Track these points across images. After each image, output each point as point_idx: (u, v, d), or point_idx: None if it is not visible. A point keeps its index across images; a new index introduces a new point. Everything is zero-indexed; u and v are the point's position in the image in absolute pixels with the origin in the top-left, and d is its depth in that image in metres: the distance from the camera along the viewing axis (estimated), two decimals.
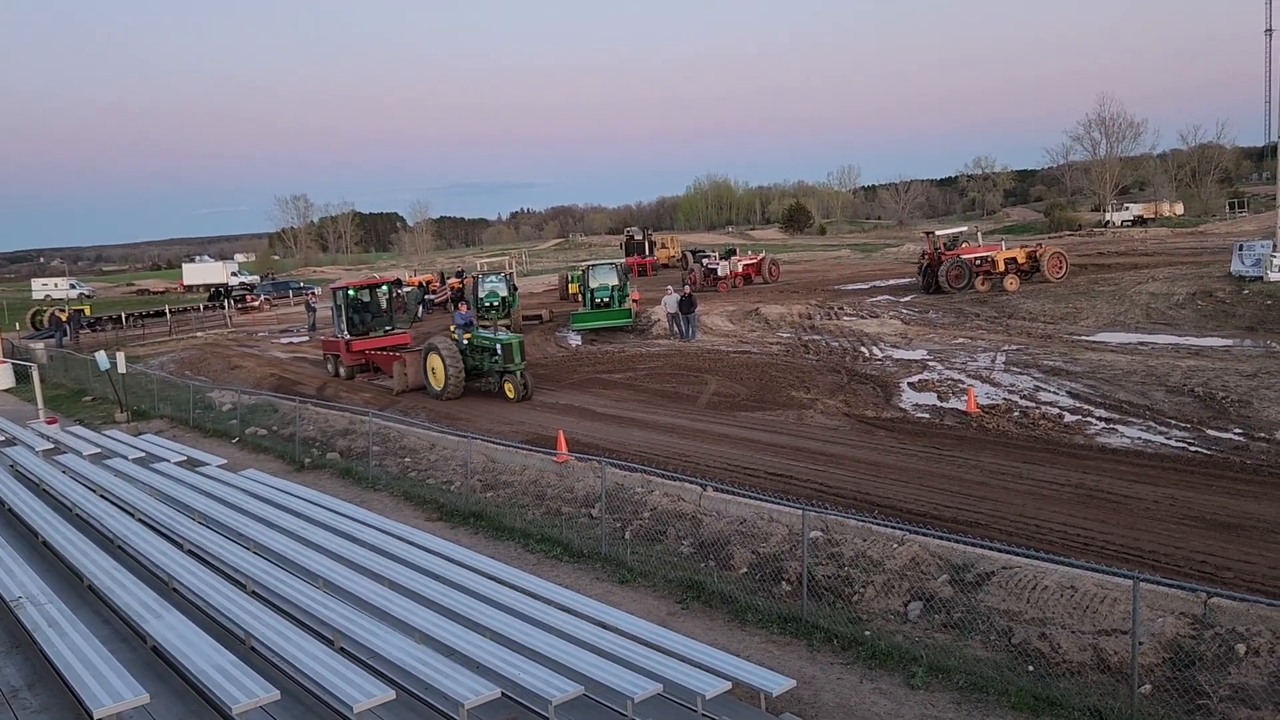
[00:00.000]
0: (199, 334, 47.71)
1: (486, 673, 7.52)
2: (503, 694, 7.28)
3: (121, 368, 25.42)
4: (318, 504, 13.81)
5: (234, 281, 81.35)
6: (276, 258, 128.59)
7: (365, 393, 26.52)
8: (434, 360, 24.40)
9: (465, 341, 24.48)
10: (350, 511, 13.43)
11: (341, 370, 29.13)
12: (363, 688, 6.97)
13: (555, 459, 16.29)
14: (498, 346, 23.74)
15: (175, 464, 17.00)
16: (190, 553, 11.45)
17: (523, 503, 14.92)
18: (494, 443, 17.61)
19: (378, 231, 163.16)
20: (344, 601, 9.42)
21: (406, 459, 18.07)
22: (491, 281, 40.52)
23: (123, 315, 54.52)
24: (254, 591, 10.06)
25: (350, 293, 29.21)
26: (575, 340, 34.60)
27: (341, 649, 8.47)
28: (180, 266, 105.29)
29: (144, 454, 18.11)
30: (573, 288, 45.40)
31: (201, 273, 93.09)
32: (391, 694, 7.04)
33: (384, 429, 19.74)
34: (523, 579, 10.43)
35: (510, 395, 23.35)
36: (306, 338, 43.01)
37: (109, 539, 12.41)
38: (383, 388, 26.74)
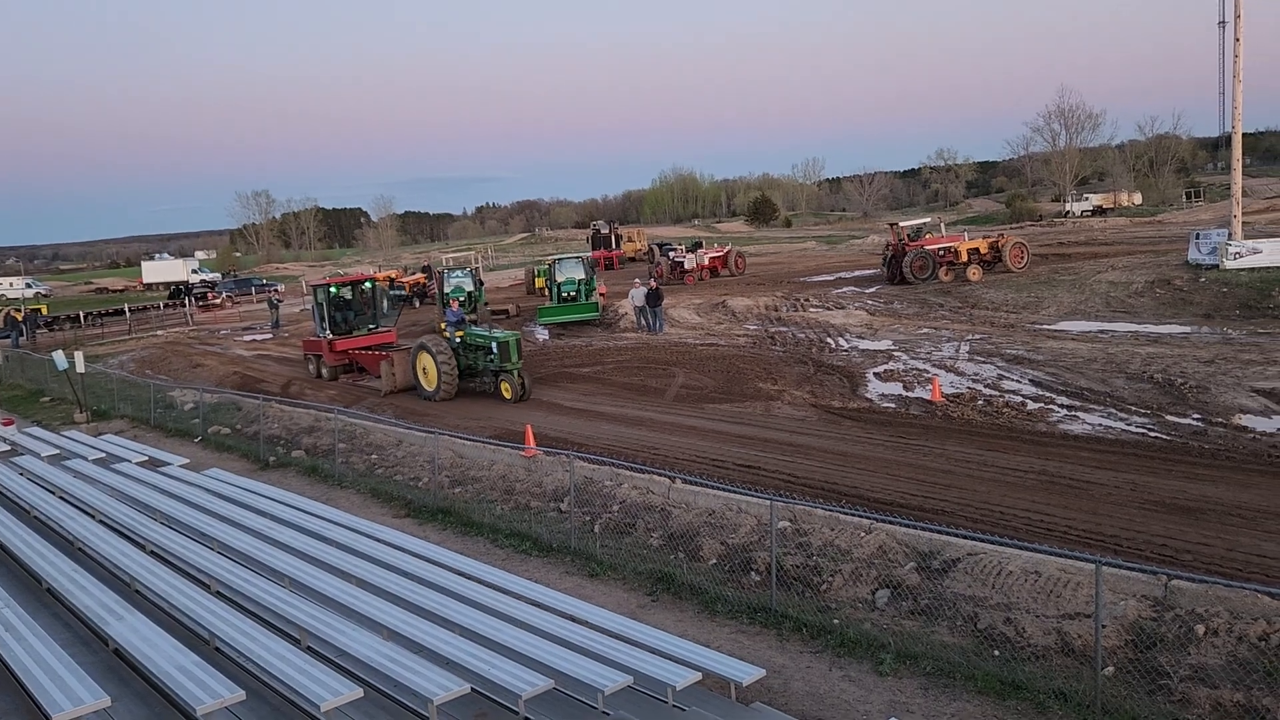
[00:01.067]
0: (159, 332, 47.05)
1: (456, 669, 7.48)
2: (472, 689, 7.24)
3: (80, 367, 25.00)
4: (283, 502, 13.66)
5: (195, 279, 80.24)
6: (238, 254, 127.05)
7: (330, 390, 26.27)
8: (425, 360, 23.47)
9: (458, 340, 23.52)
10: (316, 509, 13.30)
11: (324, 371, 28.09)
12: (330, 686, 6.91)
13: (523, 454, 16.24)
14: (493, 345, 22.71)
15: (136, 464, 16.74)
16: (153, 554, 11.29)
17: (491, 498, 14.86)
18: (461, 438, 17.51)
19: (341, 227, 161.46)
20: (311, 600, 9.33)
21: (373, 456, 17.94)
22: (457, 277, 40.29)
23: (81, 314, 53.64)
24: (218, 592, 9.94)
25: (332, 290, 28.23)
26: (542, 334, 34.50)
27: (309, 648, 8.39)
28: (139, 264, 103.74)
29: (104, 454, 17.83)
30: (539, 282, 45.24)
31: (161, 270, 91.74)
32: (360, 692, 6.98)
33: (350, 426, 19.58)
34: (492, 574, 10.39)
35: (507, 395, 22.47)
36: (270, 335, 42.59)
37: (68, 541, 12.21)
38: (369, 389, 25.84)
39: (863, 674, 8.76)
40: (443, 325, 24.43)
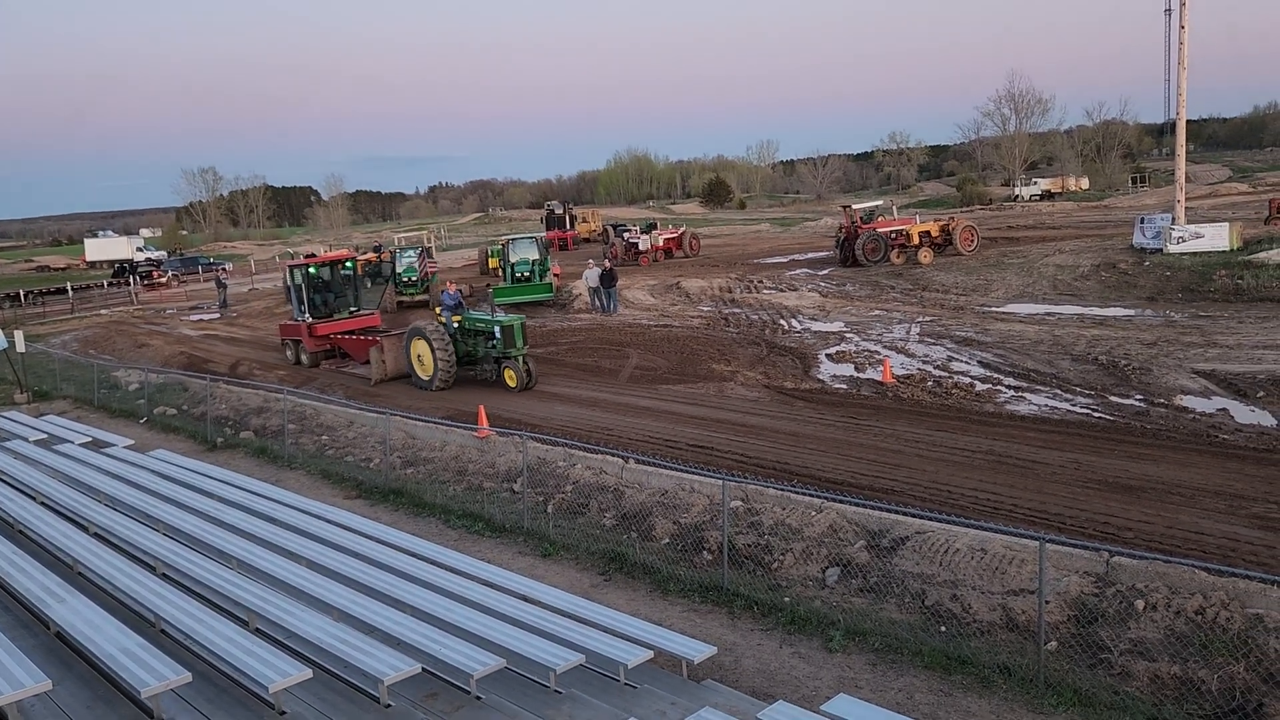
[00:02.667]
0: (103, 312, 46.07)
1: (407, 649, 7.44)
2: (423, 669, 7.21)
3: (20, 347, 24.40)
4: (231, 484, 13.47)
5: (140, 257, 78.51)
6: (184, 233, 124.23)
7: (281, 369, 25.92)
8: (420, 347, 21.87)
9: (455, 325, 21.93)
10: (265, 491, 13.14)
11: (304, 357, 26.34)
12: (279, 668, 6.83)
13: (476, 434, 16.17)
14: (496, 329, 21.11)
15: (79, 445, 16.40)
16: (97, 536, 11.07)
17: (443, 479, 14.78)
18: (414, 419, 17.38)
19: (291, 205, 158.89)
20: (259, 582, 9.21)
21: (324, 437, 17.74)
22: (409, 256, 39.87)
23: (21, 293, 52.32)
24: (164, 574, 9.77)
25: (311, 270, 26.42)
26: (499, 313, 34.24)
27: (257, 630, 8.29)
28: (82, 242, 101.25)
29: (46, 435, 17.44)
30: (493, 262, 44.96)
31: (105, 248, 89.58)
32: (309, 673, 6.91)
33: (300, 407, 19.35)
34: (444, 555, 10.34)
35: (512, 384, 20.95)
36: (217, 315, 41.88)
37: (8, 523, 11.92)
38: (354, 376, 24.31)
39: (812, 651, 8.87)
40: (438, 309, 22.72)
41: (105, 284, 59.89)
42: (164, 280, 63.55)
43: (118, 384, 24.30)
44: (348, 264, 27.52)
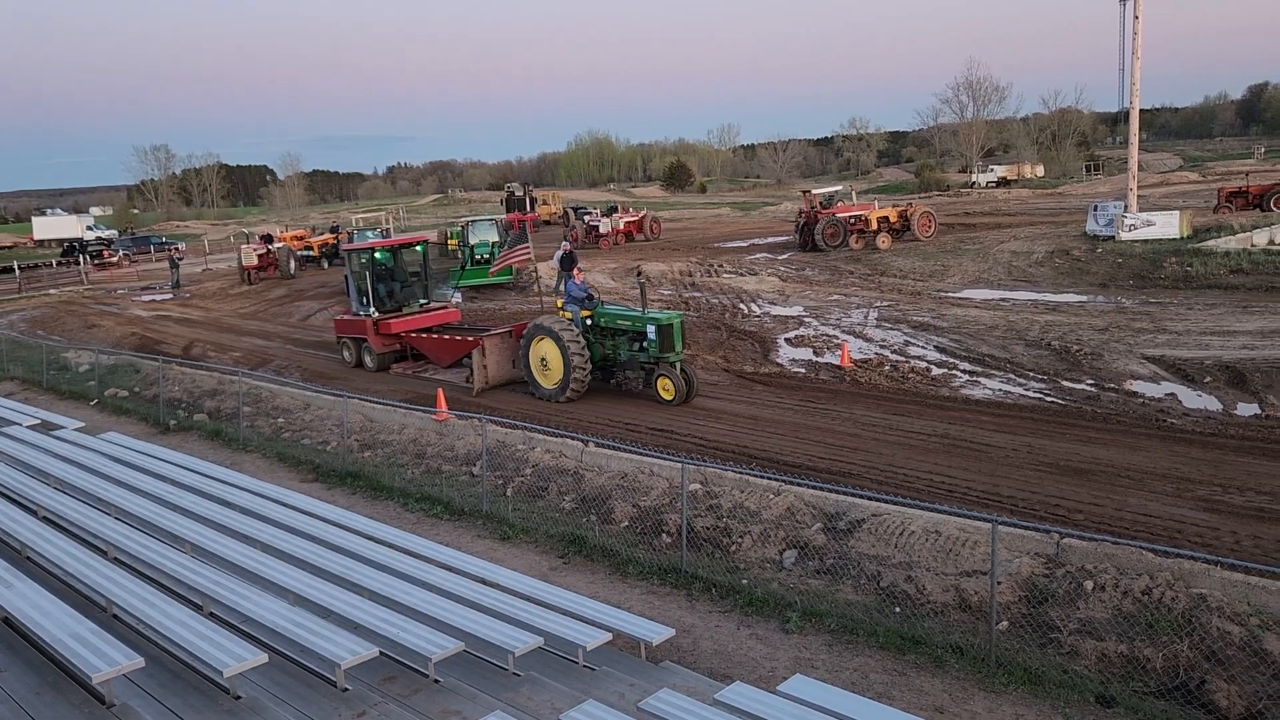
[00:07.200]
0: (52, 291, 45.07)
1: (365, 633, 7.41)
2: (381, 653, 7.18)
3: None
4: (185, 467, 13.27)
5: (90, 236, 76.89)
6: (136, 211, 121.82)
7: (235, 352, 25.50)
8: (547, 348, 18.03)
9: (587, 322, 18.25)
10: (220, 474, 12.96)
11: (369, 360, 22.15)
12: (233, 652, 6.77)
13: (435, 417, 16.08)
14: (649, 329, 17.10)
15: (28, 427, 16.06)
16: (45, 520, 10.87)
17: (402, 462, 14.69)
18: (372, 401, 17.24)
19: (246, 185, 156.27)
20: (214, 566, 9.10)
21: (280, 419, 17.54)
22: (369, 237, 39.44)
23: None
24: (116, 558, 9.63)
25: (377, 255, 22.42)
26: (456, 298, 34.04)
27: (211, 614, 8.20)
28: (29, 220, 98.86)
29: None
30: (452, 244, 44.61)
31: (53, 226, 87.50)
32: (264, 657, 6.86)
33: (255, 389, 19.10)
34: (402, 538, 10.29)
35: (668, 396, 17.21)
36: (170, 295, 41.20)
37: None
38: (439, 383, 19.37)
39: (770, 632, 8.96)
40: (560, 303, 18.86)
41: (54, 263, 58.60)
42: (115, 260, 62.31)
43: (67, 365, 23.83)
44: (418, 247, 23.34)
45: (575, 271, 19.62)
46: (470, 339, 20.16)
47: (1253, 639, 7.65)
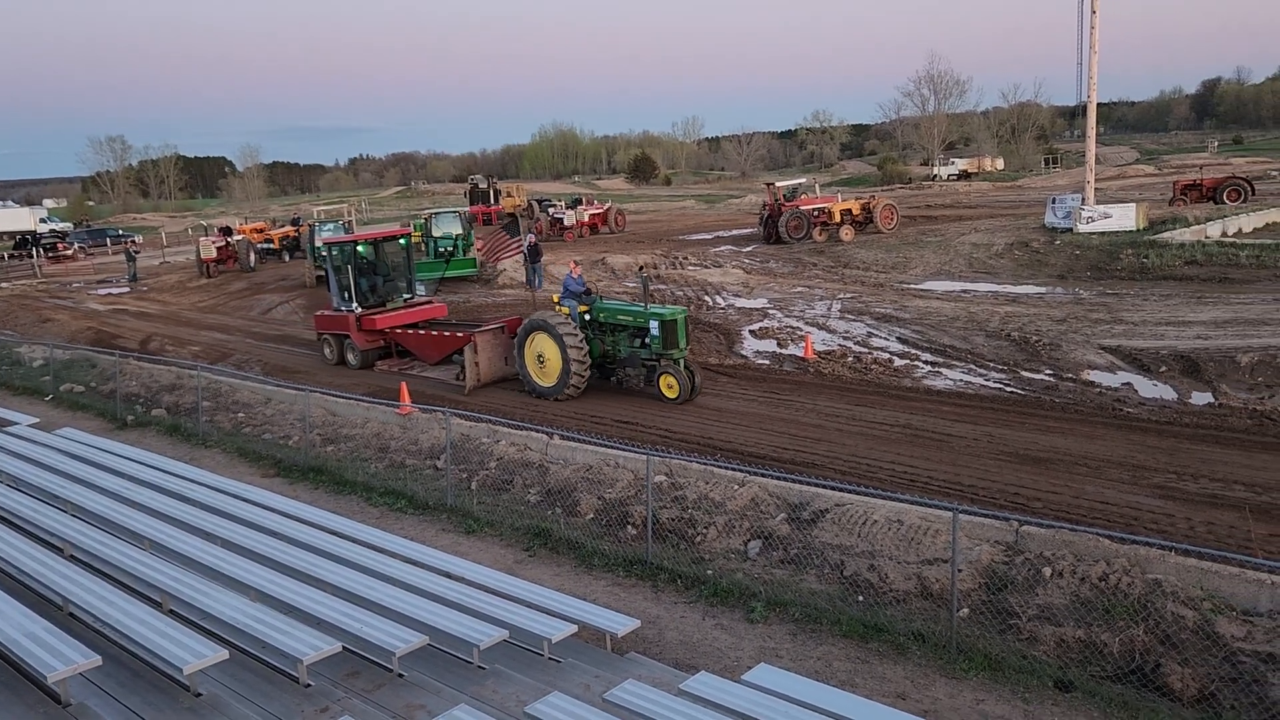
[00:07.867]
0: (4, 285, 44.15)
1: (328, 628, 7.35)
2: (344, 648, 7.14)
3: None
4: (142, 463, 13.08)
5: (43, 229, 75.34)
6: (91, 204, 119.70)
7: (194, 346, 25.16)
8: (544, 344, 17.29)
9: (585, 318, 17.62)
10: (179, 470, 12.80)
11: (352, 357, 21.50)
12: (194, 649, 6.70)
13: (398, 411, 15.97)
14: (652, 325, 16.65)
15: None
16: (0, 518, 10.68)
17: (365, 456, 14.58)
18: (334, 395, 17.09)
19: (204, 177, 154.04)
20: (173, 563, 8.99)
21: (240, 414, 17.34)
22: (329, 230, 39.01)
23: None
24: (72, 556, 9.48)
25: (359, 249, 21.70)
26: (420, 290, 33.79)
27: (170, 611, 8.10)
28: None
29: None
30: (415, 236, 44.22)
31: (5, 219, 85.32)
32: (225, 653, 6.79)
33: (215, 383, 18.87)
34: (365, 533, 10.22)
35: (671, 395, 16.67)
36: (127, 289, 40.54)
37: None
38: (425, 380, 19.65)
39: (734, 622, 9.01)
40: (556, 298, 17.98)
41: (6, 256, 57.45)
42: (70, 253, 61.20)
43: (20, 360, 23.39)
44: (401, 240, 22.62)
45: (572, 265, 18.84)
46: (459, 335, 19.61)
47: (1206, 623, 7.81)
